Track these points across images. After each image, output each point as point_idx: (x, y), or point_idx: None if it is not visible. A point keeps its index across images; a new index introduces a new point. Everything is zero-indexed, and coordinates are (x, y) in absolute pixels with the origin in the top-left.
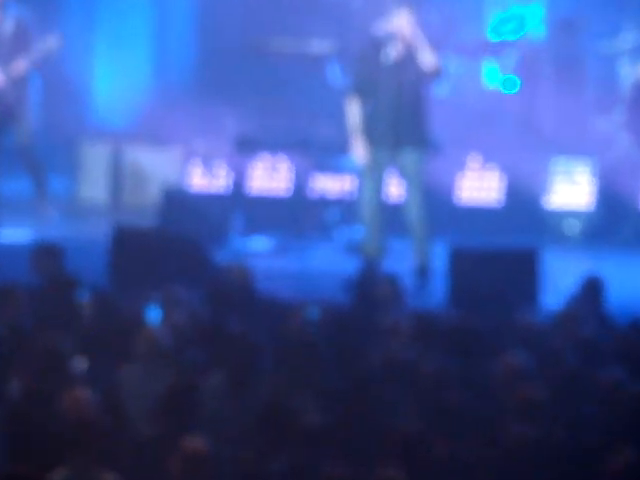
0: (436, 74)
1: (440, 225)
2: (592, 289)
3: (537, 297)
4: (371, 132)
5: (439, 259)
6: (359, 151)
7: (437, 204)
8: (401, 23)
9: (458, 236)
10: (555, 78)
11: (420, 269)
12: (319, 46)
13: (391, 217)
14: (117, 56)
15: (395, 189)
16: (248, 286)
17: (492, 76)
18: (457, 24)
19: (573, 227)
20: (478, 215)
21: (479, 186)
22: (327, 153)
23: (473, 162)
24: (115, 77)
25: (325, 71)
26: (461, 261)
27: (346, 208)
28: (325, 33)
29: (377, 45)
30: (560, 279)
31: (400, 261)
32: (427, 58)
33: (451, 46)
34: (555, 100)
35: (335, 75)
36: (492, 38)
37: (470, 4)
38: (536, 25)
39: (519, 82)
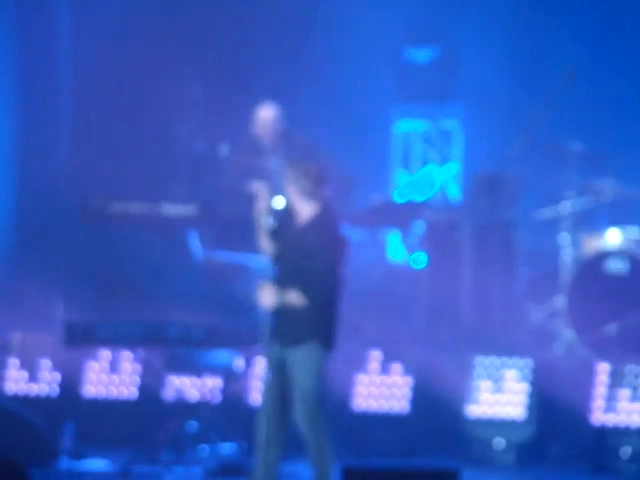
0: None
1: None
2: None
3: None
4: None
5: None
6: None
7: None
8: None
9: (356, 450)
10: (475, 252)
11: None
12: (176, 210)
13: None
14: None
15: None
16: None
17: (398, 249)
18: (356, 187)
19: (500, 444)
20: (383, 422)
21: (381, 390)
22: (185, 347)
23: (373, 360)
24: None
25: (183, 240)
26: None
27: (208, 418)
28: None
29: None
30: None
31: None
32: None
33: (348, 215)
34: (476, 281)
35: (196, 246)
36: (397, 201)
37: (375, 164)
38: (450, 185)
39: (426, 256)
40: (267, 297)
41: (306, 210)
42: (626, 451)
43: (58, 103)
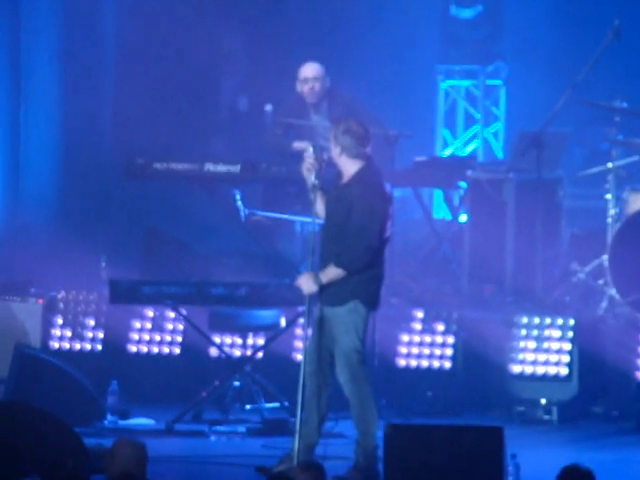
0: None
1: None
2: None
3: None
4: None
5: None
6: None
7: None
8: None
9: (401, 405)
10: (519, 210)
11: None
12: (220, 168)
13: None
14: None
15: None
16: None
17: (442, 208)
18: (401, 145)
19: (546, 405)
20: (426, 381)
21: (425, 347)
22: (228, 306)
23: (417, 318)
24: None
25: (227, 199)
26: (397, 442)
27: (251, 376)
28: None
29: None
30: (530, 469)
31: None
32: None
33: (393, 173)
34: (520, 240)
35: (240, 204)
36: (442, 159)
37: (420, 123)
38: (494, 143)
39: (467, 213)
40: (307, 285)
41: (348, 168)
42: None
43: (101, 62)
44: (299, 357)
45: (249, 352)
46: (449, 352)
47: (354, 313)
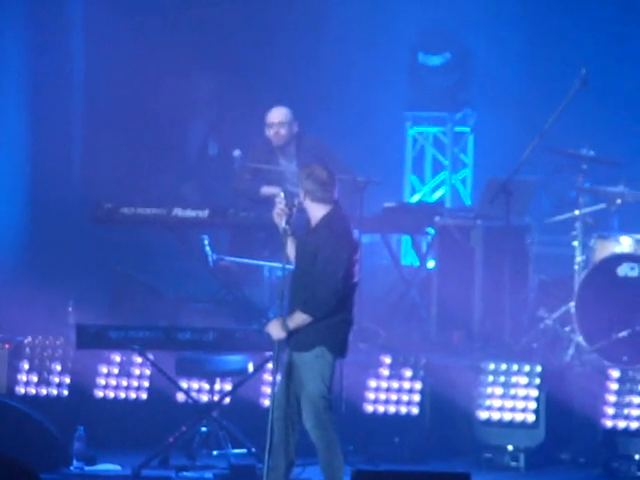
0: None
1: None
2: None
3: None
4: None
5: None
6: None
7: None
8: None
9: (368, 451)
10: (487, 257)
11: None
12: (188, 213)
13: None
14: None
15: None
16: None
17: (410, 254)
18: (370, 191)
19: (510, 449)
20: (394, 427)
21: (393, 392)
22: (196, 351)
23: (384, 363)
24: None
25: (195, 244)
26: None
27: (218, 422)
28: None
29: None
30: None
31: None
32: None
33: (361, 219)
34: (487, 286)
35: (208, 250)
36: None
37: (388, 169)
38: (462, 190)
39: (435, 259)
40: (276, 331)
41: (315, 213)
42: (636, 457)
43: (70, 105)
44: (267, 403)
45: (216, 397)
46: (416, 398)
47: (320, 359)
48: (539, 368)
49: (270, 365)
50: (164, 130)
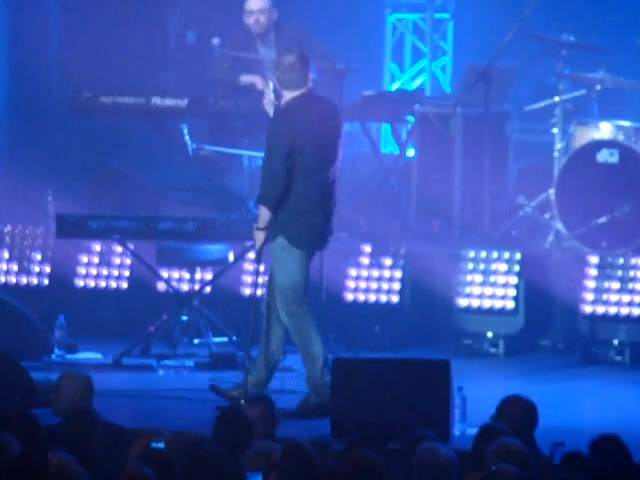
0: None
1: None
2: (516, 415)
3: (446, 422)
4: None
5: None
6: None
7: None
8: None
9: (349, 339)
10: (466, 144)
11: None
12: (167, 102)
13: None
14: None
15: None
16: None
17: (390, 142)
18: (349, 79)
19: (493, 338)
20: (374, 315)
21: (373, 281)
22: (176, 241)
23: (365, 252)
24: None
25: (174, 133)
26: (344, 376)
27: (199, 311)
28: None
29: None
30: (477, 401)
31: None
32: None
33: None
34: (467, 174)
35: (187, 139)
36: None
37: (367, 57)
38: (442, 77)
39: (415, 147)
40: (256, 237)
41: (287, 99)
42: (614, 342)
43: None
44: (247, 292)
45: (197, 287)
46: (396, 286)
47: (286, 251)
48: (518, 255)
49: (251, 255)
50: (142, 18)
